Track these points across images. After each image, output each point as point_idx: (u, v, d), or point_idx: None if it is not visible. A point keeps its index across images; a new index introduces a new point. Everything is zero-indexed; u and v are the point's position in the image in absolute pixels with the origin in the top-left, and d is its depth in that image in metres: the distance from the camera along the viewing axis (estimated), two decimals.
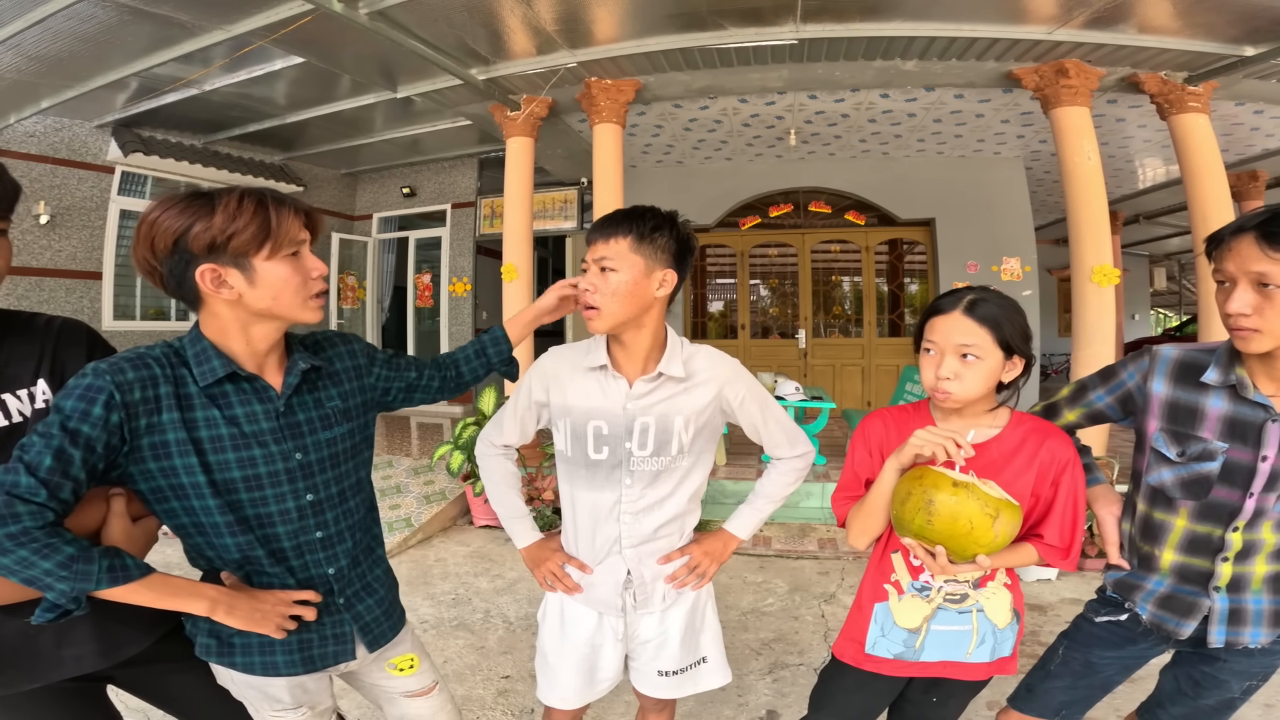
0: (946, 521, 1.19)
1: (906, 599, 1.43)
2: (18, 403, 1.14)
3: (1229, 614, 1.35)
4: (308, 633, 1.28)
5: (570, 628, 1.60)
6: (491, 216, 8.59)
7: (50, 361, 1.17)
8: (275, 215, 1.13)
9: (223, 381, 1.16)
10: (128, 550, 1.08)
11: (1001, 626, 1.43)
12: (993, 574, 1.41)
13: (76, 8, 3.90)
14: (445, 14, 4.37)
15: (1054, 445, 1.36)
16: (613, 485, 1.49)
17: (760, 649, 3.04)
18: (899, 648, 1.44)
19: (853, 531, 1.45)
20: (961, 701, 1.55)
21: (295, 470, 1.22)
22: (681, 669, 1.61)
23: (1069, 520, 1.34)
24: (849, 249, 8.48)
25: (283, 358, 1.26)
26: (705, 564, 1.59)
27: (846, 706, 1.58)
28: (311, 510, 1.26)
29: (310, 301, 1.20)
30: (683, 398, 1.48)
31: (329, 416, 1.29)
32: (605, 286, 1.38)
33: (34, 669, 1.13)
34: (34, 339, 1.18)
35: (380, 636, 1.39)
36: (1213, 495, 1.31)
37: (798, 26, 4.67)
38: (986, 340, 1.29)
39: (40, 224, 6.42)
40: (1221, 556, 1.33)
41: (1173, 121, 5.18)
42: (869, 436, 1.48)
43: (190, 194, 1.12)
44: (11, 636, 1.10)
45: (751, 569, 4.04)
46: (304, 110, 6.58)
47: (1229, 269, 1.19)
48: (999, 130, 6.80)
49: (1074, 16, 4.48)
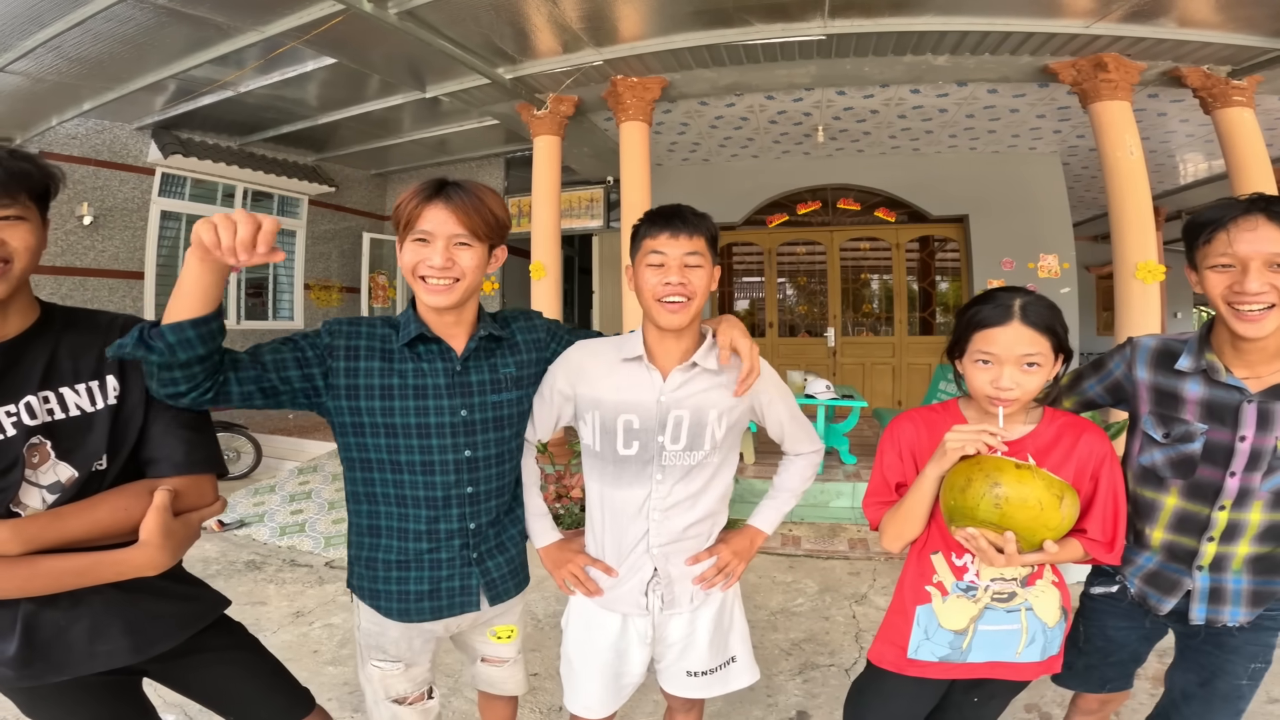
0: (1017, 505, 1.17)
1: (951, 600, 1.39)
2: (76, 397, 1.15)
3: (1209, 592, 1.40)
4: (437, 583, 1.43)
5: (595, 632, 1.58)
6: (518, 215, 8.64)
7: (119, 359, 1.18)
8: (411, 203, 1.32)
9: (414, 343, 1.38)
10: (163, 543, 1.11)
11: (1051, 625, 1.39)
12: (1040, 571, 1.38)
13: (115, 9, 4.01)
14: (472, 13, 4.41)
15: (1091, 439, 1.35)
16: (643, 481, 1.48)
17: (790, 649, 3.00)
18: (945, 650, 1.40)
19: (888, 536, 1.43)
20: (1003, 701, 1.51)
21: (459, 425, 1.40)
22: (711, 669, 1.59)
23: (1110, 513, 1.33)
24: (879, 246, 8.37)
25: (472, 330, 1.44)
26: (734, 564, 1.58)
27: (889, 717, 1.53)
28: (468, 466, 1.42)
29: (419, 282, 1.34)
30: (715, 392, 1.47)
31: (501, 381, 1.46)
32: (699, 281, 1.41)
33: (64, 662, 1.14)
34: (97, 335, 1.19)
35: (504, 592, 1.53)
36: (1198, 474, 1.36)
37: (826, 22, 4.62)
38: (1046, 347, 1.28)
39: (84, 225, 6.60)
40: (1207, 536, 1.37)
41: (1217, 116, 5.05)
42: (899, 439, 1.45)
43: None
44: (43, 629, 1.12)
45: (781, 569, 4.00)
46: (335, 111, 6.70)
47: (1242, 251, 1.20)
48: (1034, 125, 6.65)
49: (1112, 10, 4.37)
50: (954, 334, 1.39)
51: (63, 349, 1.16)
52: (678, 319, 1.41)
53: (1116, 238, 4.81)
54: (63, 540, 1.07)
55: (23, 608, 1.10)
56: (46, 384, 1.13)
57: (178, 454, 1.20)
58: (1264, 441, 1.29)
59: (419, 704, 1.55)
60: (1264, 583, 1.38)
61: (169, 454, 1.20)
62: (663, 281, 1.40)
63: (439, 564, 1.44)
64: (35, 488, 1.11)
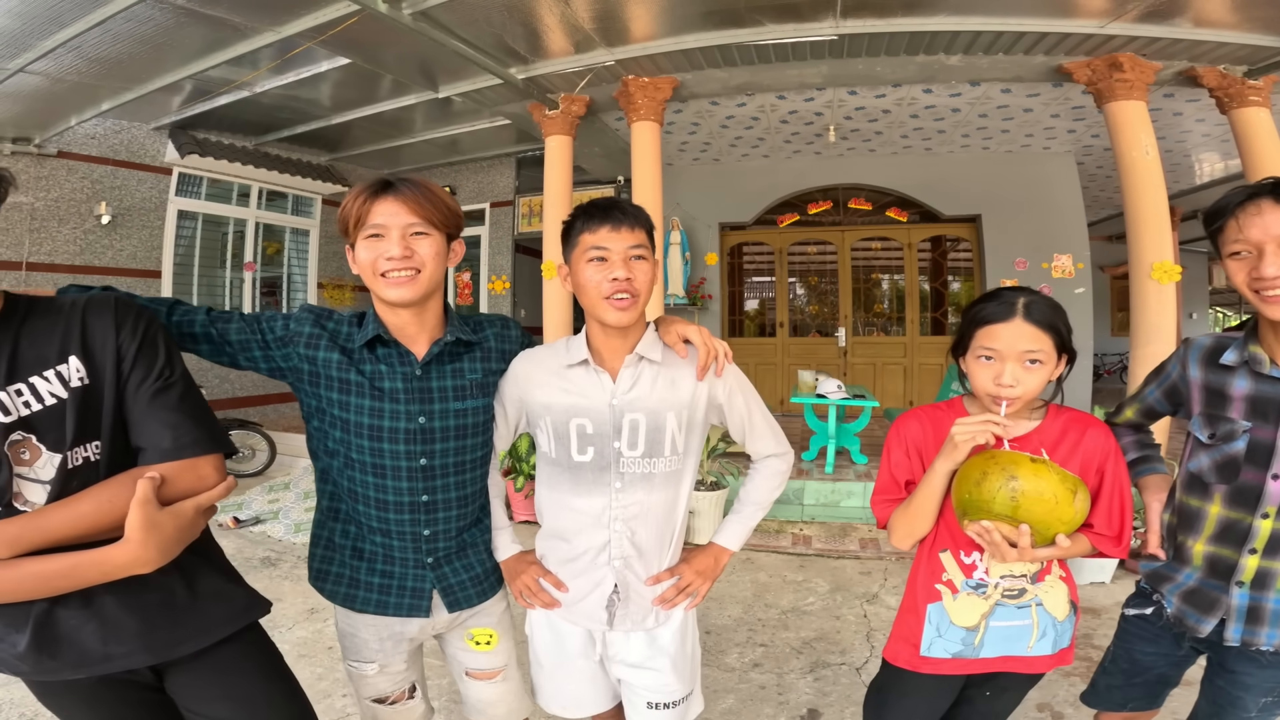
0: (1033, 498, 1.17)
1: (962, 597, 1.40)
2: (48, 384, 1.05)
3: (1247, 611, 1.32)
4: (389, 579, 1.40)
5: (566, 641, 1.51)
6: (530, 215, 8.67)
7: (80, 338, 1.08)
8: (358, 200, 1.30)
9: (373, 344, 1.36)
10: (146, 538, 1.01)
11: (1061, 619, 1.40)
12: (1049, 567, 1.39)
13: (135, 9, 4.05)
14: (485, 13, 4.43)
15: (1095, 434, 1.35)
16: (601, 489, 1.40)
17: (801, 648, 3.01)
18: (957, 646, 1.41)
19: (897, 533, 1.43)
20: (1017, 695, 1.52)
21: (415, 433, 1.35)
22: (674, 702, 1.48)
23: (1116, 507, 1.33)
24: (890, 246, 8.33)
25: (437, 334, 1.40)
26: (697, 583, 1.48)
27: (909, 714, 1.53)
28: (423, 474, 1.37)
29: (378, 279, 1.32)
30: (670, 391, 1.40)
31: (465, 388, 1.40)
32: (644, 275, 1.36)
33: (76, 661, 1.08)
34: (56, 319, 1.09)
35: (463, 599, 1.47)
36: (1241, 478, 1.29)
37: (838, 22, 4.61)
38: (1048, 345, 1.29)
39: (102, 224, 6.68)
40: (1249, 548, 1.30)
41: (1233, 115, 5.00)
42: (906, 437, 1.45)
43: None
44: (54, 626, 1.06)
45: (792, 568, 4.00)
46: (348, 111, 6.74)
47: (1254, 236, 1.19)
48: (1048, 125, 6.61)
49: (1127, 10, 4.34)
50: (959, 331, 1.40)
51: (24, 338, 1.06)
52: (627, 316, 1.34)
53: (1132, 238, 4.78)
54: (48, 540, 0.99)
55: (35, 605, 1.04)
56: (14, 377, 1.04)
57: (163, 439, 1.08)
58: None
59: (400, 703, 1.51)
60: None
61: (154, 440, 1.08)
62: (608, 278, 1.32)
63: (392, 560, 1.41)
64: (37, 483, 1.04)
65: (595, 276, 1.34)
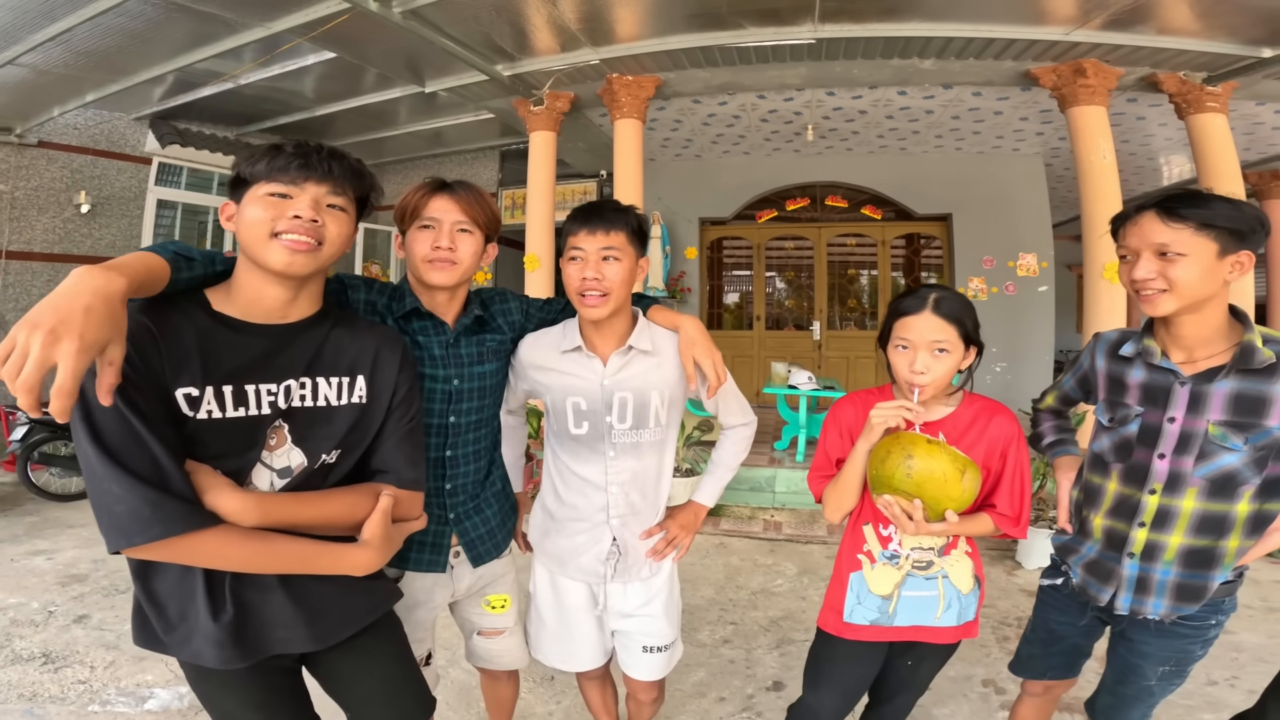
0: (924, 474, 1.33)
1: (879, 567, 1.57)
2: (328, 389, 1.19)
3: (1137, 581, 1.45)
4: (413, 537, 1.47)
5: (565, 597, 1.72)
6: (513, 208, 8.74)
7: (372, 363, 1.24)
8: (417, 194, 1.46)
9: (409, 316, 1.49)
10: (382, 545, 1.16)
11: (965, 592, 1.57)
12: (955, 542, 1.56)
13: (127, 5, 4.09)
14: (474, 12, 4.52)
15: (1000, 421, 1.52)
16: (597, 458, 1.60)
17: (769, 625, 3.19)
18: (874, 614, 1.58)
19: (829, 506, 1.60)
20: (933, 666, 1.68)
21: (449, 394, 1.51)
22: (664, 646, 1.74)
23: (1017, 490, 1.50)
24: (865, 243, 8.54)
25: (461, 311, 1.56)
26: (681, 536, 1.73)
27: (840, 680, 1.69)
28: (451, 430, 1.53)
29: (424, 264, 1.45)
30: (655, 373, 1.59)
31: (484, 354, 1.58)
32: (615, 275, 1.50)
33: (256, 646, 1.14)
34: (356, 334, 1.25)
35: (484, 553, 1.63)
36: (1134, 457, 1.43)
37: (816, 26, 4.75)
38: (954, 336, 1.44)
39: (81, 213, 6.67)
40: (1138, 521, 1.43)
41: (1190, 121, 5.21)
42: (840, 420, 1.62)
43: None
44: (243, 610, 1.12)
45: (763, 552, 4.19)
46: (332, 104, 6.77)
47: (1132, 244, 1.35)
48: (1018, 127, 6.83)
49: (1092, 18, 4.52)
50: (882, 325, 1.56)
51: (329, 341, 1.20)
52: (597, 312, 1.50)
53: (1088, 239, 4.99)
54: (295, 523, 1.10)
55: (228, 587, 1.10)
56: (309, 370, 1.17)
57: (405, 469, 1.25)
58: (1195, 424, 1.34)
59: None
60: (1192, 576, 1.40)
61: (397, 467, 1.24)
62: (580, 276, 1.49)
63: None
64: (267, 469, 1.13)
65: (573, 274, 1.52)
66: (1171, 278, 1.28)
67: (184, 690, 2.50)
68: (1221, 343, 1.34)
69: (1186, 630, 1.45)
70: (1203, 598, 1.40)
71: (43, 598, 3.37)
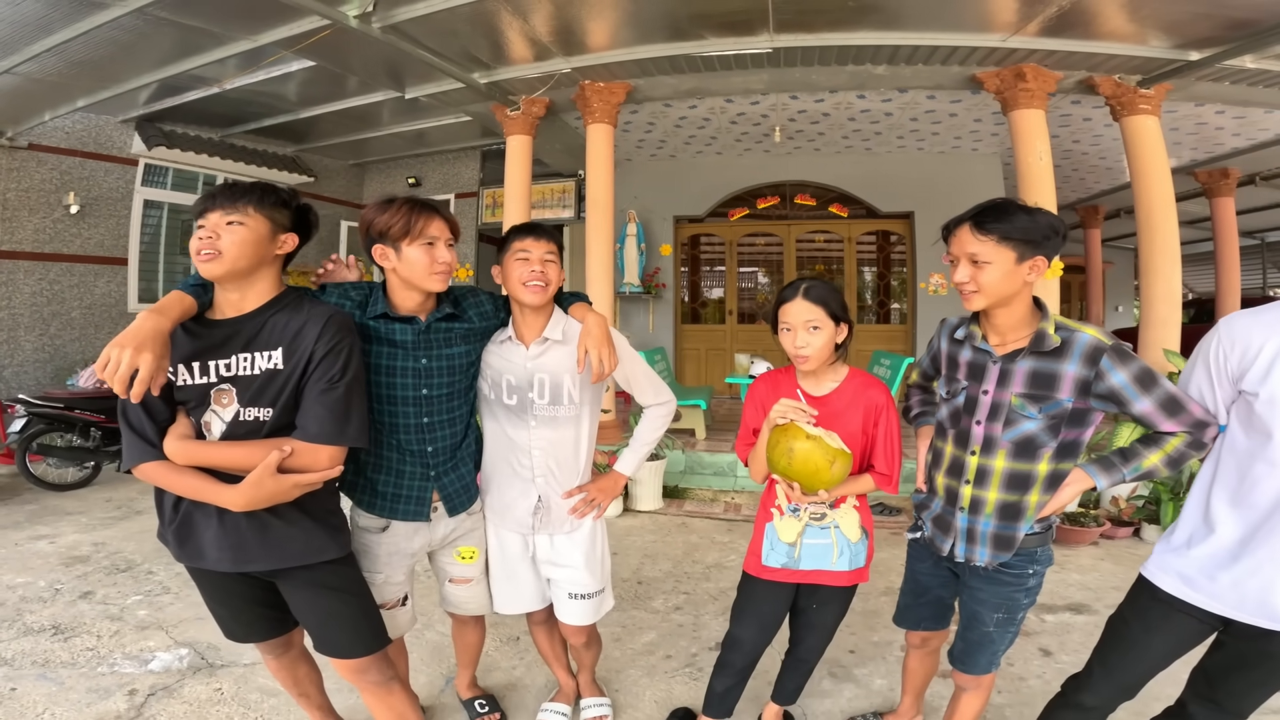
0: (800, 463, 1.65)
1: (786, 519, 1.89)
2: (263, 361, 1.52)
3: (966, 532, 1.70)
4: (399, 489, 1.85)
5: (507, 546, 2.04)
6: (493, 206, 8.99)
7: (292, 338, 1.53)
8: (415, 217, 1.72)
9: (377, 318, 1.78)
10: (247, 489, 1.45)
11: (854, 540, 1.88)
12: (844, 499, 1.88)
13: (122, 20, 4.31)
14: (451, 26, 4.76)
15: (873, 394, 1.83)
16: (524, 426, 1.94)
17: (718, 595, 3.50)
18: (783, 558, 1.90)
19: (752, 469, 1.91)
20: (836, 608, 1.99)
21: (420, 370, 1.82)
22: (589, 594, 2.04)
23: (890, 452, 1.82)
24: (832, 239, 8.86)
25: (432, 306, 1.84)
26: (600, 498, 2.04)
27: (758, 614, 2.00)
28: (425, 402, 1.84)
29: (432, 276, 1.75)
30: (568, 359, 1.91)
31: (453, 338, 1.87)
32: (553, 273, 1.88)
33: (194, 554, 1.56)
34: (295, 316, 1.56)
35: (460, 505, 1.96)
36: (961, 424, 1.70)
37: (772, 36, 5.03)
38: (822, 315, 1.75)
39: (70, 214, 6.87)
40: (964, 479, 1.68)
41: (1124, 123, 5.48)
42: (755, 396, 1.94)
43: (382, 199, 1.77)
44: (188, 524, 1.55)
45: (721, 531, 4.50)
46: (316, 107, 7.01)
47: (954, 250, 1.62)
48: (973, 129, 7.15)
49: (1029, 24, 4.81)
50: (770, 315, 1.86)
51: (268, 324, 1.54)
52: (539, 298, 1.85)
53: None
54: (209, 463, 1.47)
55: (181, 505, 1.55)
56: (248, 347, 1.52)
57: (310, 425, 1.51)
58: (1002, 396, 1.60)
59: (394, 609, 1.95)
60: (1004, 527, 1.64)
61: (304, 422, 1.51)
62: (529, 270, 1.84)
63: (403, 475, 1.85)
64: (219, 420, 1.51)
65: (520, 270, 1.86)
66: (980, 281, 1.57)
67: (184, 653, 2.78)
68: (1025, 329, 1.63)
69: (1008, 578, 1.69)
70: (1013, 547, 1.65)
71: (48, 577, 3.63)
